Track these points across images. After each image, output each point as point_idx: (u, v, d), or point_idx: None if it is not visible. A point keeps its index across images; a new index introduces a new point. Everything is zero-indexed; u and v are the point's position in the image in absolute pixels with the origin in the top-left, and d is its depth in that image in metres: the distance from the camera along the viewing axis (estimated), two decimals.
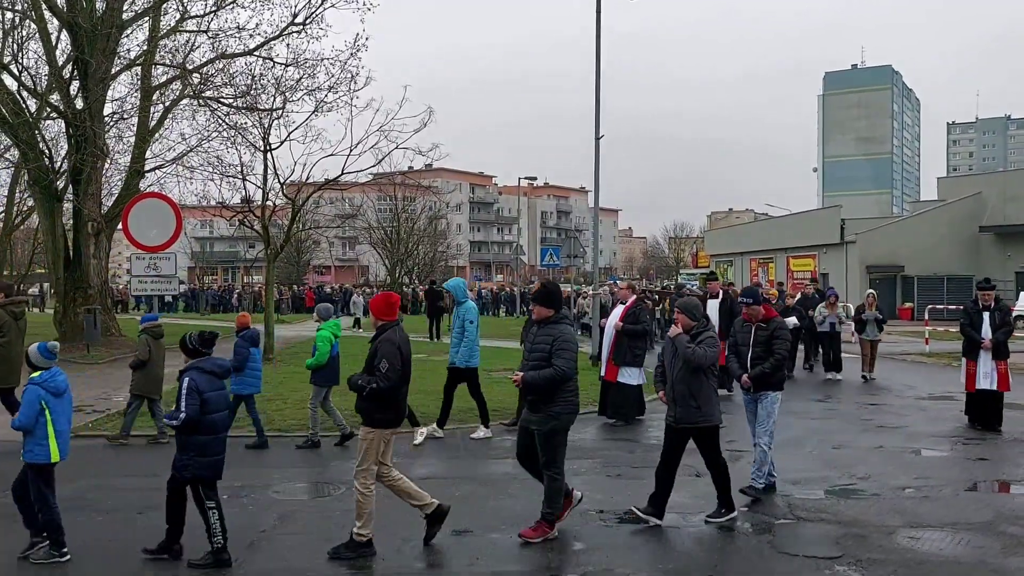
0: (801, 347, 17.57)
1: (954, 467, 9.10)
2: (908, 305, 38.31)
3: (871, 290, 17.57)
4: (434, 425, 10.52)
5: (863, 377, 16.16)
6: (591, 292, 26.27)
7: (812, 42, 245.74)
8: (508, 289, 53.76)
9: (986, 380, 10.89)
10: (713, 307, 13.67)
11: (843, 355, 17.12)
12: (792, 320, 16.08)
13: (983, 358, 10.90)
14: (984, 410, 11.07)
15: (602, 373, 12.11)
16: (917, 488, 8.08)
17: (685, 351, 6.71)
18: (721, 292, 14.18)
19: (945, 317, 31.09)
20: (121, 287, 51.42)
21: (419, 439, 10.13)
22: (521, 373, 6.56)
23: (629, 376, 11.67)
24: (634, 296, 12.18)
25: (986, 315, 10.96)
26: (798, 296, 18.74)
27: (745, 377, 7.68)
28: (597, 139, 19.04)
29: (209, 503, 6.02)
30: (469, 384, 10.59)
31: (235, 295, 49.16)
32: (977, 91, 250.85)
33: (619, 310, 11.97)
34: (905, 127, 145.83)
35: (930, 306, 28.96)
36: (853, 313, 17.18)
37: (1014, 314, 30.04)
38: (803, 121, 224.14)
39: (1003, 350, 10.93)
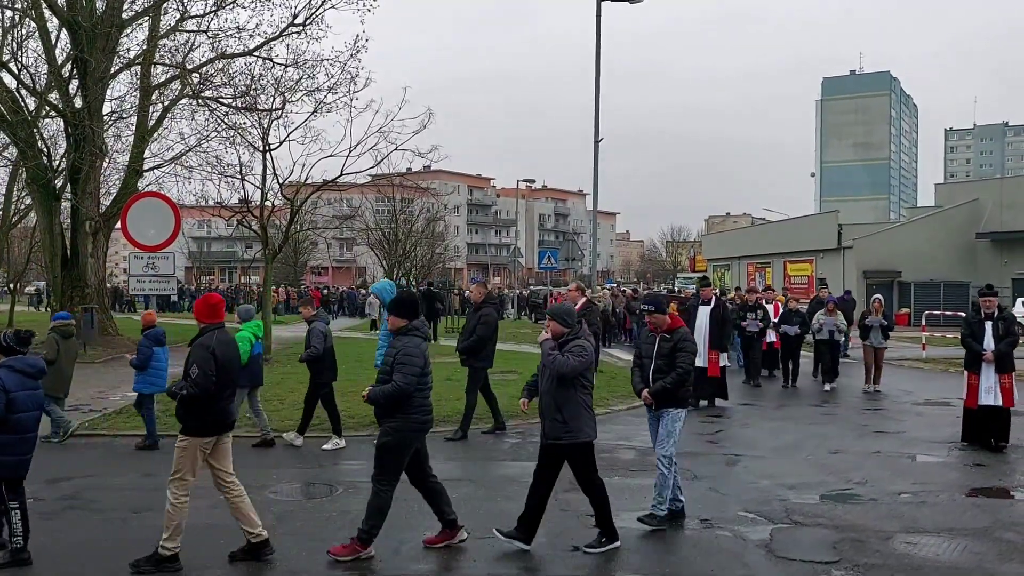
0: (810, 356, 17.02)
1: (951, 473, 9.11)
2: (905, 311, 38.34)
3: (878, 295, 16.56)
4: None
5: (864, 389, 15.28)
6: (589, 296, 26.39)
7: (811, 47, 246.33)
8: (504, 291, 53.79)
9: (989, 395, 10.03)
10: (704, 314, 13.47)
11: (848, 362, 17.15)
12: (792, 328, 15.97)
13: (986, 371, 10.04)
14: (987, 428, 10.17)
15: None
16: (914, 493, 8.09)
17: (547, 358, 6.30)
18: (714, 298, 13.93)
19: (942, 323, 31.14)
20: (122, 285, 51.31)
21: (328, 445, 9.97)
22: (368, 388, 6.31)
23: None
24: (584, 299, 11.68)
25: (988, 324, 10.10)
26: (811, 299, 18.17)
27: (645, 392, 7.06)
28: (596, 142, 19.07)
29: (12, 503, 5.88)
30: None
31: (241, 295, 48.85)
32: (975, 98, 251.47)
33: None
34: (903, 133, 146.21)
35: (927, 312, 28.97)
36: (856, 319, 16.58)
37: None
38: (801, 126, 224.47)
39: (1008, 362, 10.07)
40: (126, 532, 6.80)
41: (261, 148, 19.69)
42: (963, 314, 25.31)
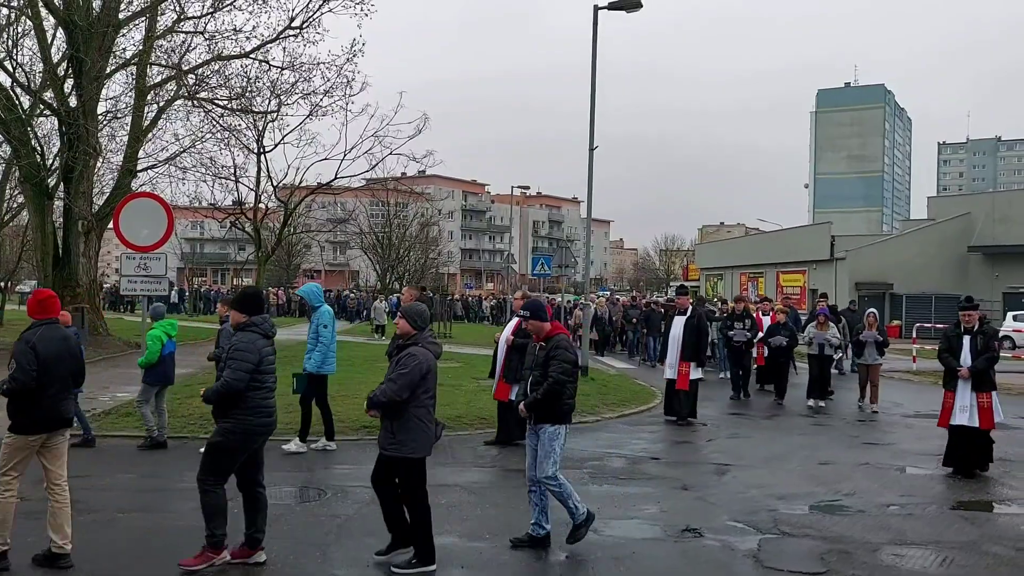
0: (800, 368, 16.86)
1: (939, 485, 9.13)
2: (896, 323, 38.49)
3: (872, 309, 16.00)
4: (297, 440, 10.01)
5: (859, 407, 14.71)
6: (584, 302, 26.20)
7: (806, 60, 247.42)
8: (497, 297, 53.79)
9: (963, 415, 9.37)
10: (679, 323, 12.97)
11: (840, 378, 17.11)
12: (779, 340, 15.33)
13: (961, 389, 9.43)
14: (965, 451, 9.47)
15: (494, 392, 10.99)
16: (902, 505, 8.10)
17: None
18: (690, 307, 13.33)
19: (933, 336, 31.23)
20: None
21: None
22: (204, 388, 6.11)
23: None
24: None
25: (967, 339, 9.49)
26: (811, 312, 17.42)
27: (521, 406, 6.62)
28: (591, 150, 19.08)
29: None
30: (317, 393, 10.05)
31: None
32: (968, 112, 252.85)
33: (514, 323, 10.82)
34: (896, 146, 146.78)
35: (918, 324, 29.09)
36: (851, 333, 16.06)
37: (1001, 334, 30.55)
38: (795, 137, 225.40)
39: (985, 380, 9.39)
40: (113, 533, 6.77)
41: (256, 150, 19.71)
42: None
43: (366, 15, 21.97)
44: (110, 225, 18.82)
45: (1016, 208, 43.11)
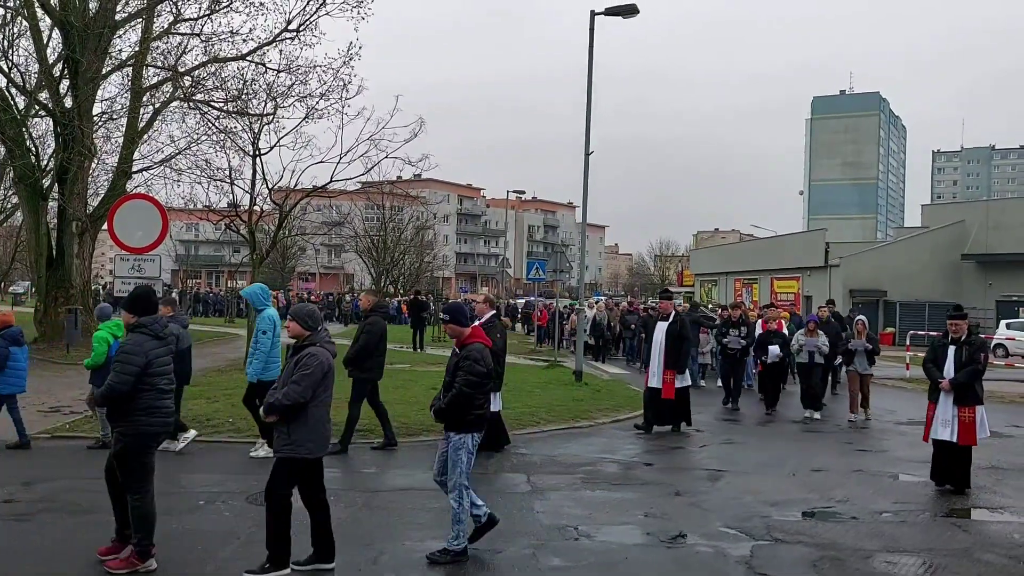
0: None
1: (932, 492, 9.14)
2: (890, 330, 38.62)
3: (861, 316, 15.52)
4: (261, 441, 9.72)
5: (850, 421, 14.03)
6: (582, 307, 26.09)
7: (803, 66, 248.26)
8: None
9: (945, 429, 8.95)
10: (661, 329, 12.55)
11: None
12: (774, 350, 14.78)
13: (943, 402, 8.99)
14: (946, 467, 9.11)
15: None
16: (895, 512, 8.11)
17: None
18: (674, 312, 12.91)
19: (927, 343, 31.34)
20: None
21: (180, 444, 9.81)
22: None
23: None
24: (492, 311, 10.78)
25: (951, 349, 9.04)
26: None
27: (431, 411, 6.58)
28: (587, 155, 19.11)
29: None
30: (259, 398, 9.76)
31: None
32: (963, 120, 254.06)
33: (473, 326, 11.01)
34: (891, 154, 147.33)
35: (911, 332, 29.18)
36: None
37: (993, 343, 30.63)
38: (791, 145, 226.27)
39: (969, 394, 8.92)
40: (101, 533, 6.74)
41: (251, 152, 19.65)
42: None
43: (363, 19, 21.98)
44: (104, 226, 18.80)
45: (1009, 217, 43.30)
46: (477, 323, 10.48)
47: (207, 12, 22.67)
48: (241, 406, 12.61)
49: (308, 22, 21.90)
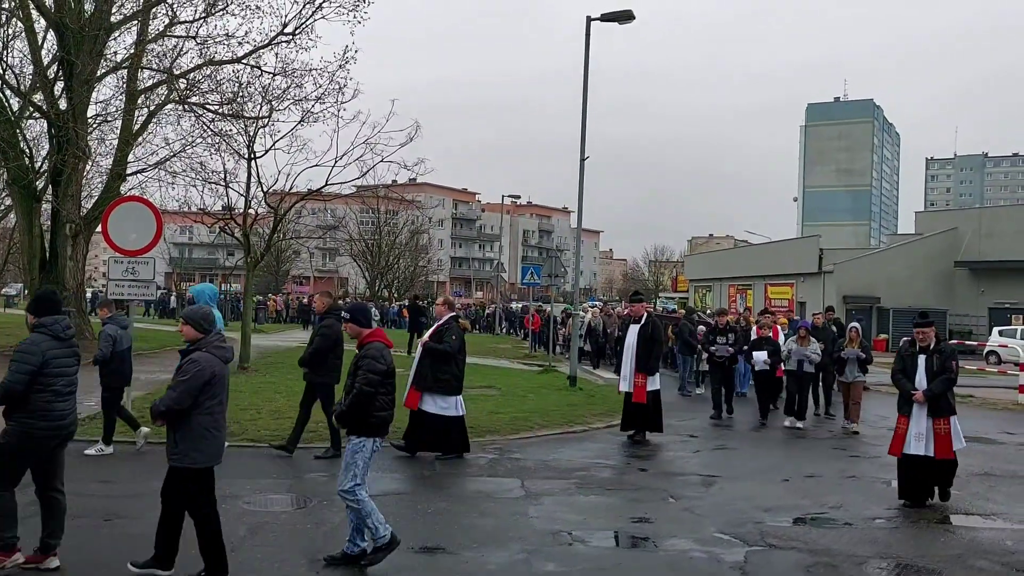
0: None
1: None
2: (883, 336, 38.72)
3: (855, 323, 15.06)
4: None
5: (843, 427, 13.90)
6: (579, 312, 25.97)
7: (798, 73, 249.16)
8: (482, 307, 53.83)
9: (918, 443, 8.45)
10: (633, 332, 12.22)
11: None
12: (760, 356, 14.40)
13: (916, 414, 8.50)
14: (920, 483, 8.60)
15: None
16: (888, 519, 8.13)
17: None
18: (645, 315, 12.51)
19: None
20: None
21: (91, 451, 9.75)
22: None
23: (434, 404, 10.17)
24: (450, 313, 10.57)
25: (922, 359, 8.61)
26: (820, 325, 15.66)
27: (334, 416, 6.49)
28: (582, 160, 19.15)
29: None
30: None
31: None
32: (956, 127, 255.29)
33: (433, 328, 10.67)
34: (884, 160, 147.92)
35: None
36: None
37: (986, 350, 30.70)
38: (785, 148, 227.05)
39: (943, 404, 8.48)
40: (95, 539, 6.72)
41: (246, 156, 19.63)
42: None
43: (359, 22, 21.97)
44: (98, 229, 18.74)
45: (1002, 224, 43.49)
46: (436, 324, 10.55)
47: (203, 15, 22.65)
48: (234, 410, 12.58)
49: (304, 25, 21.89)
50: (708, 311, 30.78)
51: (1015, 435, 13.93)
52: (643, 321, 12.31)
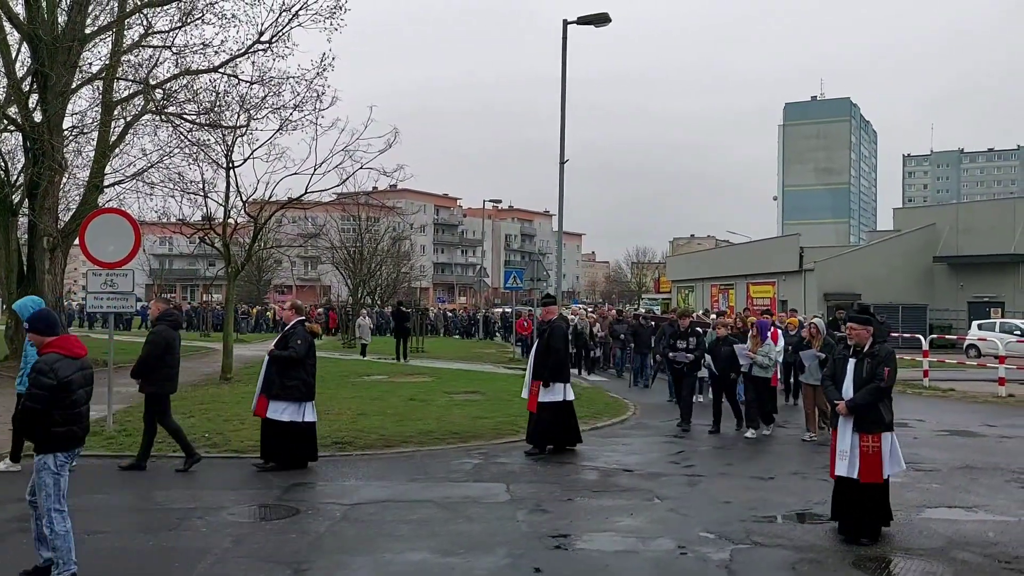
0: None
1: (908, 493, 9.21)
2: None
3: (815, 319, 13.61)
4: (8, 460, 9.57)
5: (803, 440, 12.55)
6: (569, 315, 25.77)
7: (776, 72, 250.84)
8: (469, 311, 53.79)
9: (842, 462, 7.19)
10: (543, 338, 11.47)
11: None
12: (710, 359, 13.29)
13: (842, 429, 7.25)
14: (851, 510, 7.22)
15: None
16: None
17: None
18: (551, 320, 11.66)
19: (900, 345, 31.72)
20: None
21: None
22: None
23: (283, 411, 9.81)
24: (298, 318, 10.26)
25: (851, 363, 7.34)
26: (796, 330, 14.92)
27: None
28: (562, 163, 19.20)
29: None
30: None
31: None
32: (932, 124, 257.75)
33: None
34: (863, 158, 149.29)
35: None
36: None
37: (966, 343, 30.98)
38: (765, 152, 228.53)
39: (872, 418, 7.11)
40: (79, 554, 6.63)
41: (225, 165, 19.52)
42: (919, 336, 25.81)
43: (336, 29, 21.90)
44: (76, 241, 18.58)
45: (979, 219, 44.00)
46: (284, 330, 10.16)
47: (178, 25, 22.52)
48: (217, 421, 12.54)
49: (280, 33, 21.81)
50: (700, 312, 30.72)
51: (995, 427, 14.07)
52: (547, 327, 11.45)
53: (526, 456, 10.95)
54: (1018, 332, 30.82)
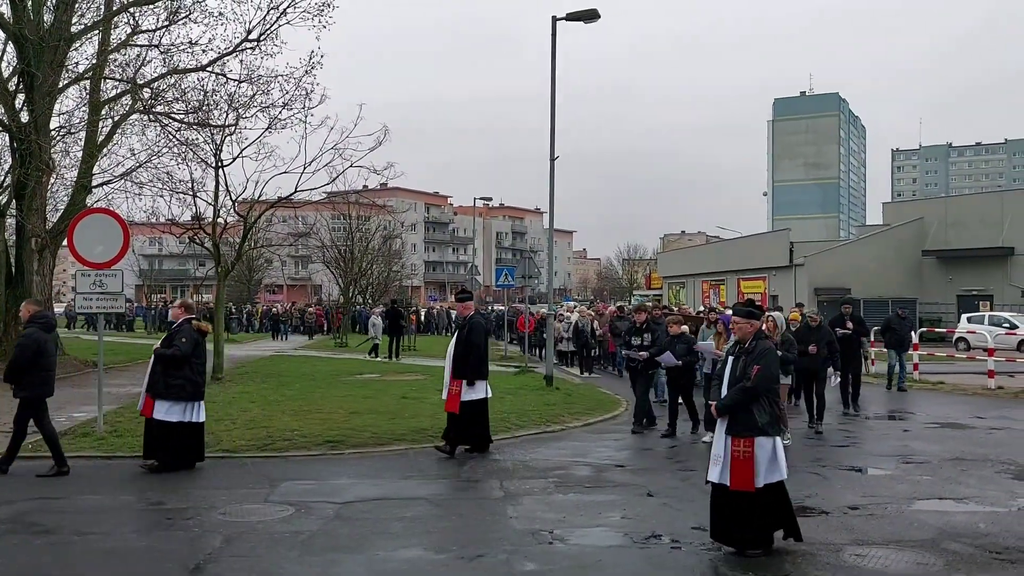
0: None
1: (899, 485, 9.26)
2: None
3: (772, 313, 12.33)
4: None
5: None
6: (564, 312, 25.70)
7: (764, 71, 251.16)
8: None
9: (715, 467, 6.68)
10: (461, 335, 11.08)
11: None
12: (667, 358, 12.45)
13: (718, 432, 6.81)
14: (720, 517, 6.68)
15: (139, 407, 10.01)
16: (863, 506, 8.21)
17: None
18: (468, 316, 11.17)
19: (879, 338, 31.89)
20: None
21: None
22: None
23: (168, 411, 9.56)
24: (186, 316, 9.91)
25: (730, 361, 6.91)
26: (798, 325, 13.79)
27: None
28: (552, 160, 19.18)
29: None
30: None
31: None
32: (920, 119, 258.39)
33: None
34: (852, 153, 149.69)
35: (875, 328, 29.61)
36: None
37: (955, 336, 31.15)
38: (755, 152, 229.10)
39: (744, 421, 6.57)
40: (70, 555, 6.62)
41: (214, 164, 19.45)
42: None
43: (324, 27, 21.83)
44: (65, 242, 18.47)
45: (967, 212, 44.22)
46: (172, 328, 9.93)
47: (165, 23, 22.40)
48: (208, 421, 12.47)
49: (268, 32, 21.73)
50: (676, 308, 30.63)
51: (985, 419, 14.14)
52: (463, 322, 11.11)
53: (438, 453, 10.59)
54: (1007, 325, 31.01)
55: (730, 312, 13.30)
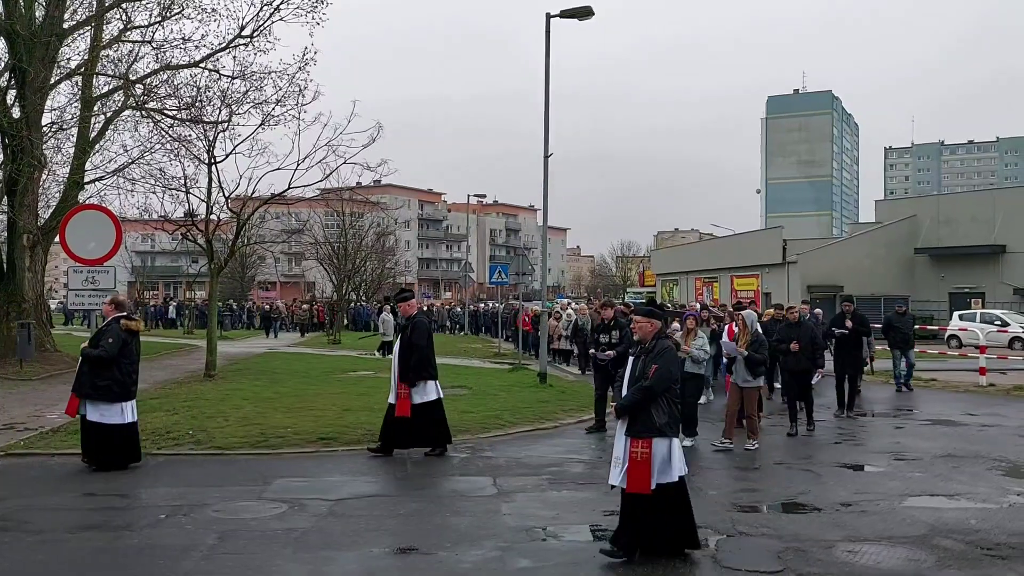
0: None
1: (890, 482, 9.30)
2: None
3: (745, 310, 11.97)
4: None
5: (715, 447, 11.10)
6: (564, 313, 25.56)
7: (758, 69, 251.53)
8: (455, 307, 53.74)
9: (615, 470, 6.46)
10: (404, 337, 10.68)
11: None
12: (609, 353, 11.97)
13: (618, 434, 6.55)
14: (624, 520, 6.48)
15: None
16: (855, 503, 8.24)
17: None
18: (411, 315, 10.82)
19: (882, 336, 31.96)
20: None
21: None
22: None
23: (96, 412, 9.45)
24: (116, 313, 9.66)
25: (631, 361, 6.75)
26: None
27: None
28: (546, 157, 19.17)
29: None
30: None
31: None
32: (912, 117, 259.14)
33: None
34: (844, 151, 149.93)
35: (875, 326, 29.72)
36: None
37: (947, 334, 31.25)
38: (748, 144, 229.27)
39: (642, 421, 6.35)
40: (61, 553, 6.60)
41: (206, 161, 19.38)
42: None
43: (318, 24, 21.81)
44: (57, 239, 18.41)
45: (959, 210, 44.37)
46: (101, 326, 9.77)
47: (158, 19, 22.35)
48: (201, 418, 12.47)
49: (262, 28, 21.69)
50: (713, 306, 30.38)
51: (977, 416, 14.20)
52: (406, 322, 10.67)
53: (367, 453, 10.40)
54: (998, 322, 31.14)
55: (694, 308, 13.19)
